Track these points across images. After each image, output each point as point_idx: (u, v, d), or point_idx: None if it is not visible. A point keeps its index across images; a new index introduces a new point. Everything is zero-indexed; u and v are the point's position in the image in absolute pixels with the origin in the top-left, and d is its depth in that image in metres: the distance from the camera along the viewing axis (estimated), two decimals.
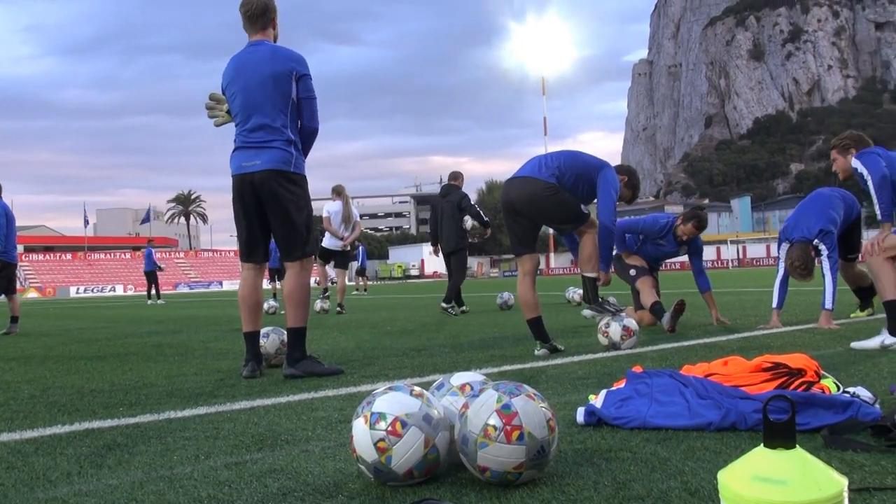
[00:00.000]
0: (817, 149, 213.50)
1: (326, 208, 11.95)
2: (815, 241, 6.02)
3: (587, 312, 5.39)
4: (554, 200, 4.90)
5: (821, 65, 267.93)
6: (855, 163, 5.22)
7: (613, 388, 2.88)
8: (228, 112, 4.56)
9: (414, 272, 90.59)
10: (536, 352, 4.99)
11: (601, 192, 5.00)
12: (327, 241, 11.94)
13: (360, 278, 28.39)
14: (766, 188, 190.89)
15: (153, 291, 24.43)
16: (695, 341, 5.40)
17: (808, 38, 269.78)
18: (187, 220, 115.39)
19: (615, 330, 5.09)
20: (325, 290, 12.42)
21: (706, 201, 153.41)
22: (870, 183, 4.98)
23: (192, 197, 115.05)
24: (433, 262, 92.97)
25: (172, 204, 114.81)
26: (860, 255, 6.63)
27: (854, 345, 4.65)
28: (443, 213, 10.88)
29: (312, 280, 5.57)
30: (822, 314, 5.94)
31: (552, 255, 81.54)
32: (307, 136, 4.56)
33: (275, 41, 4.59)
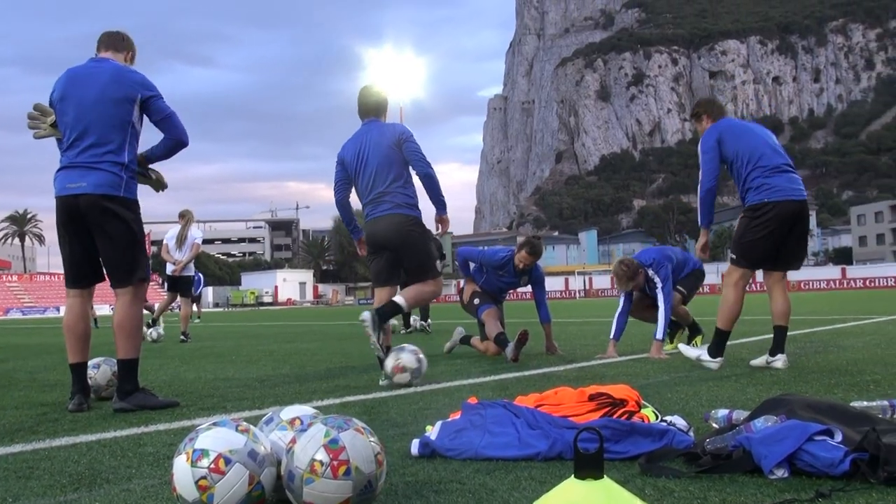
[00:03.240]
0: (657, 186, 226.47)
1: (166, 236, 11.51)
2: (651, 271, 6.43)
3: (365, 315, 5.08)
4: (421, 237, 5.20)
5: (661, 108, 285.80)
6: (707, 140, 5.38)
7: (449, 420, 2.92)
8: (53, 125, 4.29)
9: (267, 299, 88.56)
10: (381, 382, 4.98)
11: (409, 154, 5.19)
12: (168, 268, 11.48)
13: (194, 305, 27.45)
14: (611, 222, 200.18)
15: None
16: (535, 371, 5.56)
17: (649, 83, 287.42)
18: (22, 241, 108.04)
19: (408, 358, 4.86)
20: (154, 320, 11.81)
21: (556, 233, 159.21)
22: (699, 181, 5.39)
23: (28, 217, 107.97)
24: (287, 289, 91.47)
25: (6, 224, 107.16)
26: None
27: (683, 349, 5.36)
28: None
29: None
30: (654, 344, 6.28)
31: None
32: (173, 147, 4.38)
33: None
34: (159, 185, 4.69)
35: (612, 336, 6.67)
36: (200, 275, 21.73)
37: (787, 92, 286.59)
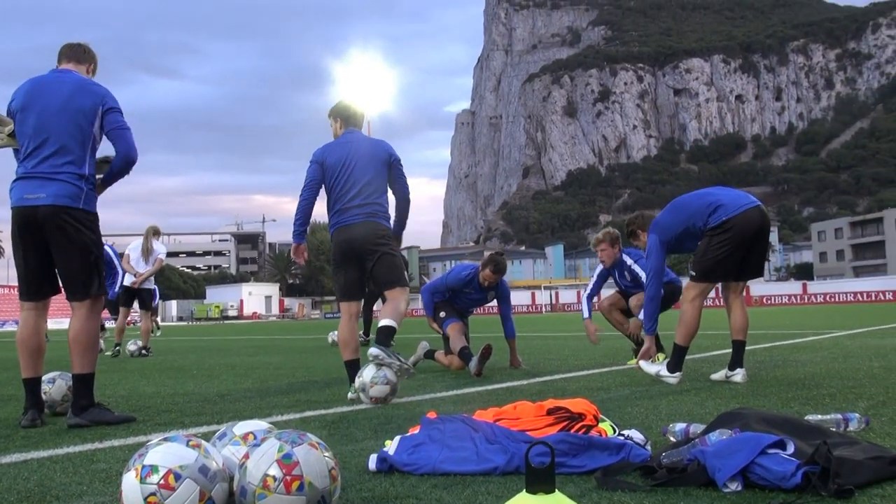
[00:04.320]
0: (623, 202, 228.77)
1: (129, 248, 11.36)
2: (630, 260, 6.82)
3: (374, 351, 5.02)
4: (395, 248, 5.16)
5: (627, 124, 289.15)
6: (649, 243, 5.46)
7: (408, 434, 2.90)
8: (11, 135, 4.22)
9: (232, 313, 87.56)
10: (350, 395, 4.91)
11: (399, 176, 5.30)
12: (128, 280, 11.31)
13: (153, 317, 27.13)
14: (577, 237, 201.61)
15: None
16: (498, 385, 5.55)
17: (615, 99, 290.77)
18: None
19: (379, 391, 4.65)
20: (118, 344, 11.58)
21: (523, 248, 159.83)
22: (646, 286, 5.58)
23: None
24: (252, 303, 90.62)
25: None
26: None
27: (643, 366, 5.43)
28: None
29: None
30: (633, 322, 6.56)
31: None
32: (123, 167, 4.29)
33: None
34: None
35: (585, 316, 7.04)
36: (156, 286, 21.48)
37: (750, 110, 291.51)
